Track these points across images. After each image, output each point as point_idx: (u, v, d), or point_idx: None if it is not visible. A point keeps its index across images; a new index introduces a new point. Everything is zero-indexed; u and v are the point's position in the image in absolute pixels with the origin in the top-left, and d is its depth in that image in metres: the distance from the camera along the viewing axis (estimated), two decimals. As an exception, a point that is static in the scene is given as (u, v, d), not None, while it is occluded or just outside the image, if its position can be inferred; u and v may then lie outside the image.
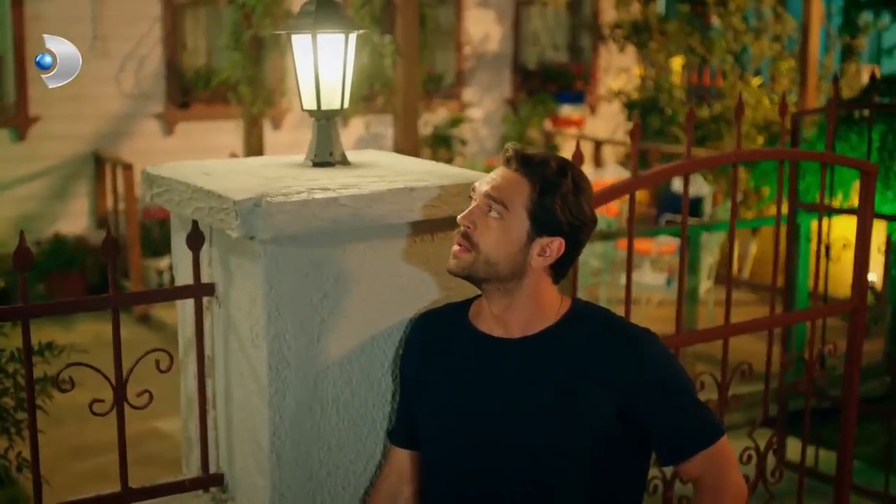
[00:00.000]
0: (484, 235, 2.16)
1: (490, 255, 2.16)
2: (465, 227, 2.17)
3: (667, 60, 10.90)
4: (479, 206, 2.17)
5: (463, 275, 2.19)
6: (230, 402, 2.50)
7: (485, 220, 2.17)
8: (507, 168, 2.19)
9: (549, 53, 12.33)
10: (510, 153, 2.20)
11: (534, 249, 2.19)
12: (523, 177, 2.17)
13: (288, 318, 2.33)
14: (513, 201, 2.16)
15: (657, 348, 2.24)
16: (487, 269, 2.17)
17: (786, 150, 3.33)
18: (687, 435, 2.21)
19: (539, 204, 2.17)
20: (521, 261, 2.19)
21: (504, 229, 2.16)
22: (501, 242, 2.16)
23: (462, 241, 2.18)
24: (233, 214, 2.23)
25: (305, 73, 2.54)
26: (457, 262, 2.19)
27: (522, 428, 2.20)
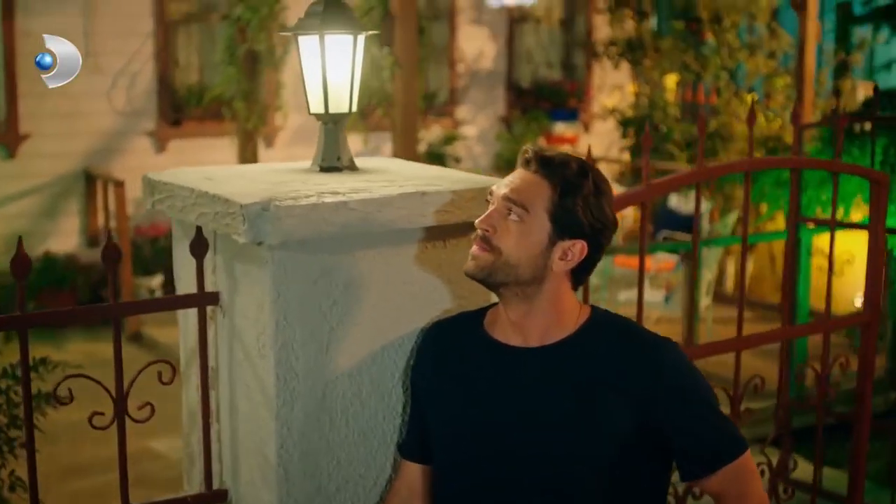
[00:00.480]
0: (504, 238, 2.10)
1: (511, 258, 2.10)
2: (483, 231, 2.10)
3: (661, 78, 10.87)
4: (498, 209, 2.11)
5: (482, 276, 2.12)
6: (235, 415, 2.41)
7: (504, 224, 2.10)
8: (525, 170, 2.13)
9: (543, 71, 12.29)
10: (529, 154, 2.14)
11: (555, 253, 2.12)
12: (543, 178, 2.11)
13: (296, 327, 2.25)
14: (533, 203, 2.09)
15: (678, 357, 2.17)
16: (507, 272, 2.10)
17: (797, 159, 3.27)
18: (710, 448, 2.14)
19: (560, 206, 2.10)
20: (542, 264, 2.13)
21: (524, 232, 2.10)
22: (522, 245, 2.10)
23: (481, 244, 2.11)
24: (240, 219, 2.15)
25: (313, 75, 2.47)
26: (475, 262, 2.12)
27: (540, 437, 2.13)
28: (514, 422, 2.15)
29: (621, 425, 2.10)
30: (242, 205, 2.14)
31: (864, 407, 3.60)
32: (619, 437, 2.11)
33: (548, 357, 2.16)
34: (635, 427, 2.11)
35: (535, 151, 2.14)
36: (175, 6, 9.89)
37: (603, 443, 2.11)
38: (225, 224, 2.21)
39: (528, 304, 2.15)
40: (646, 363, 2.12)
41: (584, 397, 2.12)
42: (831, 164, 3.37)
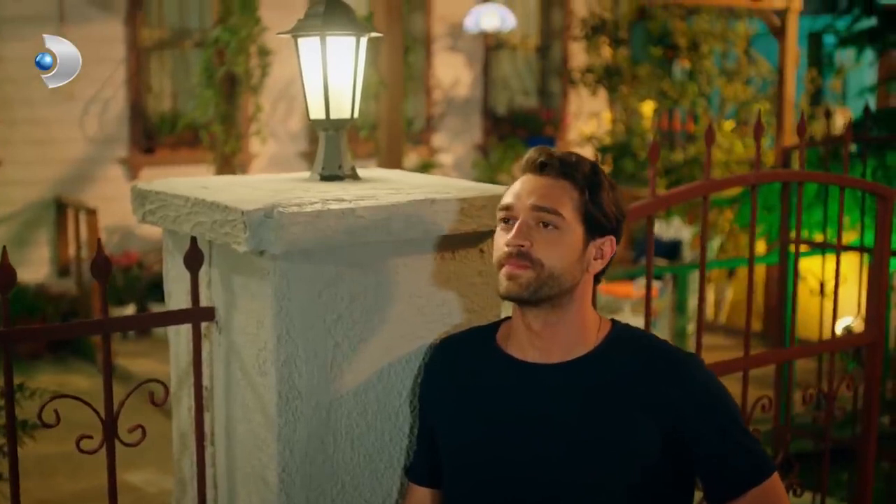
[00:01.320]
0: (545, 250, 1.98)
1: (555, 269, 1.99)
2: (518, 247, 1.98)
3: (638, 105, 10.83)
4: (527, 222, 1.99)
5: (527, 295, 1.99)
6: (232, 437, 2.27)
7: (540, 235, 1.99)
8: (541, 175, 2.01)
9: (519, 98, 12.24)
10: (544, 158, 2.02)
11: (590, 253, 2.03)
12: (566, 180, 2.01)
13: (299, 342, 2.12)
14: (565, 207, 1.99)
15: (706, 374, 2.06)
16: (552, 284, 1.99)
17: (805, 173, 3.18)
18: (738, 469, 2.02)
19: (591, 205, 2.01)
20: (581, 268, 2.03)
21: (563, 240, 1.99)
22: (563, 253, 2.00)
23: (518, 262, 1.98)
24: (241, 227, 2.03)
25: (313, 79, 2.35)
26: (516, 282, 1.98)
27: (564, 459, 2.00)
28: (536, 444, 2.02)
29: (649, 446, 1.99)
30: (244, 211, 2.01)
31: (869, 429, 3.50)
32: (646, 458, 1.99)
33: (571, 374, 2.04)
34: (662, 447, 1.99)
35: (550, 154, 2.04)
36: (148, 33, 9.76)
37: (630, 465, 1.99)
38: (224, 233, 2.09)
39: (559, 315, 2.04)
40: (673, 380, 2.01)
41: (611, 417, 2.00)
42: (839, 179, 3.29)
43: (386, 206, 2.13)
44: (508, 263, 1.99)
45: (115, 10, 9.38)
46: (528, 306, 2.03)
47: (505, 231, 2.02)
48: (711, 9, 9.89)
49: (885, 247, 3.40)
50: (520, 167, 2.07)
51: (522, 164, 2.06)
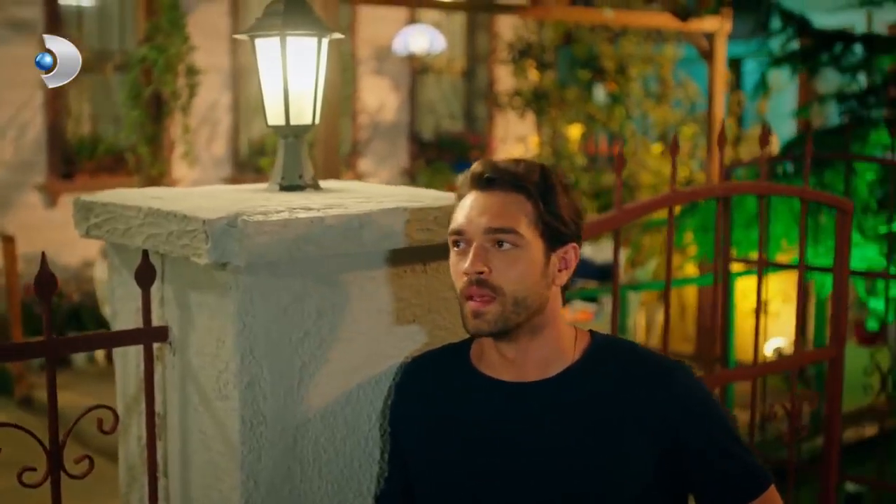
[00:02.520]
0: (504, 275, 1.84)
1: (518, 293, 1.85)
2: (477, 275, 1.84)
3: (565, 128, 10.81)
4: (483, 246, 1.85)
5: (496, 330, 1.86)
6: (188, 468, 2.10)
7: (498, 257, 1.85)
8: (490, 192, 1.88)
9: (446, 123, 12.16)
10: (491, 173, 1.88)
11: (553, 266, 1.89)
12: (518, 193, 1.87)
13: (264, 363, 1.96)
14: (520, 223, 1.85)
15: (696, 383, 1.95)
16: (519, 312, 1.86)
17: (768, 185, 3.11)
18: (735, 482, 1.92)
19: (547, 215, 1.88)
20: (545, 284, 1.89)
21: (522, 258, 1.86)
22: (526, 273, 1.86)
23: (479, 292, 1.84)
24: (201, 237, 1.87)
25: (272, 82, 2.21)
26: (483, 318, 1.85)
27: (551, 482, 1.87)
28: (520, 467, 1.89)
29: (642, 463, 1.87)
30: (206, 220, 1.86)
31: (832, 444, 3.43)
32: (640, 476, 1.87)
33: (552, 391, 1.92)
34: (656, 464, 1.87)
35: (496, 167, 1.89)
36: (66, 55, 9.48)
37: (622, 484, 1.87)
38: (181, 245, 1.93)
39: (532, 337, 1.91)
40: (663, 392, 1.90)
41: (599, 434, 1.88)
42: (801, 191, 3.22)
43: (357, 216, 1.99)
44: (471, 297, 1.85)
45: (33, 31, 9.10)
46: (499, 338, 1.90)
47: (460, 256, 1.88)
48: (639, 32, 9.92)
49: (844, 261, 3.34)
50: (464, 184, 1.92)
51: (467, 180, 1.91)
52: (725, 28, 8.37)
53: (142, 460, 2.20)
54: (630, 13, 8.86)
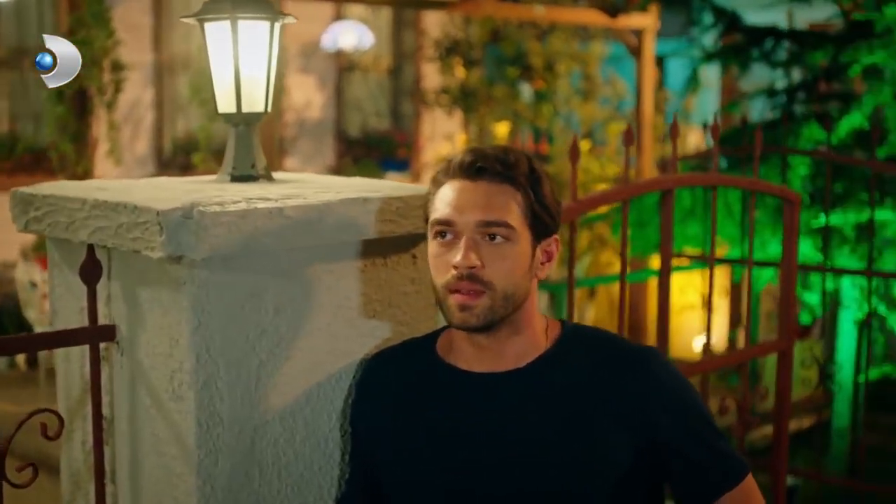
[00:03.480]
0: (496, 269, 1.77)
1: (507, 288, 1.78)
2: (469, 270, 1.77)
3: (493, 126, 10.78)
4: (473, 238, 1.77)
5: (483, 324, 1.79)
6: (138, 474, 1.99)
7: (489, 251, 1.78)
8: (478, 181, 1.80)
9: (373, 120, 12.05)
10: (481, 163, 1.80)
11: (538, 259, 1.84)
12: (508, 184, 1.80)
13: (220, 362, 1.86)
14: (512, 216, 1.79)
15: (671, 371, 1.90)
16: (507, 306, 1.79)
17: (718, 176, 3.08)
18: (713, 472, 1.87)
19: (537, 206, 1.82)
20: (530, 278, 1.83)
21: (513, 252, 1.79)
22: (516, 267, 1.80)
23: (470, 286, 1.77)
24: (155, 230, 1.77)
25: (222, 68, 2.10)
26: (471, 312, 1.77)
27: (527, 475, 1.80)
28: (494, 459, 1.82)
29: (618, 452, 1.81)
30: (160, 211, 1.75)
31: (781, 437, 3.41)
32: (616, 465, 1.82)
33: (525, 380, 1.85)
34: (632, 453, 1.82)
35: (486, 156, 1.82)
36: (-18, 52, 9.22)
37: (599, 474, 1.81)
38: (132, 238, 1.82)
39: (509, 329, 1.84)
40: (638, 381, 1.84)
41: (574, 423, 1.82)
42: (751, 183, 3.20)
43: (317, 206, 1.90)
44: (459, 290, 1.78)
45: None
46: (481, 331, 1.83)
47: (444, 248, 1.80)
48: (567, 28, 9.91)
49: (792, 253, 3.32)
50: (448, 171, 1.84)
51: (453, 168, 1.82)
52: (654, 24, 8.40)
53: (87, 466, 2.09)
54: (559, 9, 8.86)
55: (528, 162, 1.84)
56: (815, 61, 6.16)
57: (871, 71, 5.71)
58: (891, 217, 5.64)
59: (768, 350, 3.44)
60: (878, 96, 5.56)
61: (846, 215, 5.77)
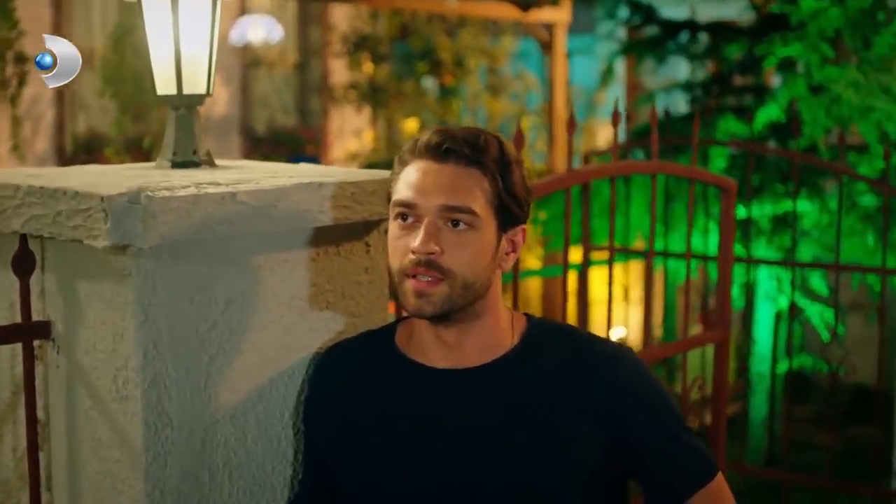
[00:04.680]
0: (456, 256, 1.68)
1: (467, 277, 1.69)
2: (428, 256, 1.67)
3: (402, 121, 10.70)
4: (435, 223, 1.68)
5: (438, 313, 1.70)
6: (77, 480, 1.86)
7: (451, 237, 1.69)
8: (444, 163, 1.71)
9: (279, 117, 11.87)
10: (449, 144, 1.71)
11: (502, 249, 1.75)
12: (475, 168, 1.72)
13: (168, 358, 1.75)
14: (477, 202, 1.70)
15: (641, 368, 1.84)
16: (466, 295, 1.70)
17: (658, 164, 3.04)
18: (684, 471, 1.81)
19: (504, 194, 1.73)
20: (493, 268, 1.74)
21: (476, 240, 1.70)
22: (478, 256, 1.70)
23: (428, 272, 1.67)
24: (99, 217, 1.64)
25: (161, 47, 1.98)
26: (427, 299, 1.68)
27: (492, 476, 1.72)
28: (460, 458, 1.73)
29: (588, 451, 1.74)
30: (104, 197, 1.63)
31: (719, 427, 3.39)
32: (586, 464, 1.74)
33: (491, 377, 1.77)
34: (602, 452, 1.75)
35: (454, 137, 1.72)
36: None
37: (571, 477, 1.74)
38: (72, 227, 1.69)
39: (473, 322, 1.75)
40: (609, 378, 1.77)
41: (544, 422, 1.74)
42: (689, 171, 3.17)
43: (271, 191, 1.79)
44: (415, 276, 1.68)
45: None
46: (440, 322, 1.74)
47: (404, 231, 1.71)
48: (477, 23, 9.87)
49: (729, 241, 3.30)
50: (412, 151, 1.74)
51: (419, 147, 1.73)
52: (565, 19, 8.40)
53: (17, 474, 1.95)
54: (470, 3, 8.80)
55: (500, 146, 1.75)
56: (731, 54, 6.20)
57: (786, 64, 5.77)
58: (808, 208, 5.70)
59: (706, 340, 3.42)
60: (792, 89, 5.61)
61: (763, 207, 5.82)
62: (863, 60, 5.46)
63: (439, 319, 1.72)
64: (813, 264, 5.46)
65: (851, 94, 4.97)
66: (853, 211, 5.53)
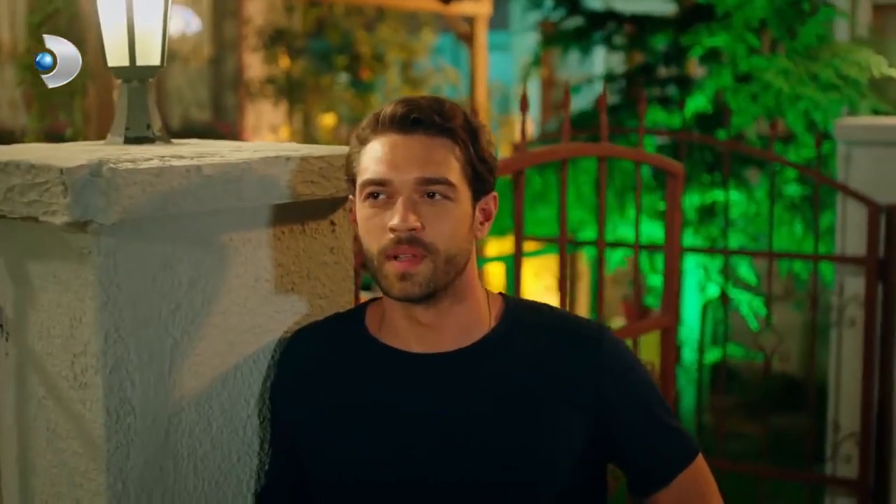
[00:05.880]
0: (436, 230, 1.61)
1: (449, 251, 1.63)
2: (410, 232, 1.60)
3: (319, 117, 10.57)
4: (411, 198, 1.61)
5: (426, 293, 1.62)
6: (29, 475, 1.75)
7: (429, 210, 1.62)
8: (412, 135, 1.63)
9: (194, 112, 11.63)
10: (417, 114, 1.64)
11: (477, 218, 1.68)
12: (445, 137, 1.65)
13: (130, 342, 1.65)
14: (452, 171, 1.64)
15: (623, 348, 1.79)
16: (448, 271, 1.63)
17: (608, 146, 3.00)
18: (666, 453, 1.77)
19: (475, 162, 1.66)
20: (470, 240, 1.67)
21: (454, 212, 1.64)
22: (457, 227, 1.64)
23: (410, 250, 1.60)
24: (58, 191, 1.54)
25: (113, 16, 1.87)
26: (412, 280, 1.61)
27: (474, 467, 1.65)
28: (437, 446, 1.66)
29: (572, 440, 1.69)
30: (64, 169, 1.52)
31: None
32: (570, 448, 1.69)
33: (470, 361, 1.70)
34: (585, 435, 1.69)
35: (420, 106, 1.65)
36: None
37: (552, 457, 1.68)
38: (26, 202, 1.58)
39: (451, 300, 1.68)
40: (591, 358, 1.72)
41: (526, 406, 1.68)
42: (636, 154, 3.13)
43: (237, 164, 1.70)
44: (397, 256, 1.61)
45: None
46: (420, 303, 1.66)
47: (377, 209, 1.63)
48: (397, 16, 9.79)
49: (675, 226, 3.28)
50: (374, 125, 1.66)
51: (383, 120, 1.64)
52: (486, 12, 8.37)
53: (-39, 470, 1.83)
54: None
55: (464, 113, 1.69)
56: (656, 45, 6.21)
57: (711, 54, 5.80)
58: (736, 198, 5.74)
59: (653, 326, 3.39)
60: (718, 79, 5.64)
61: (690, 197, 5.84)
62: (789, 50, 5.51)
63: (424, 301, 1.65)
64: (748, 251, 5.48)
65: (782, 81, 5.00)
66: (780, 200, 5.57)
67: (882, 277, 4.33)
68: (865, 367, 4.36)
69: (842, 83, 5.07)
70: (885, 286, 4.35)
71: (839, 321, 4.56)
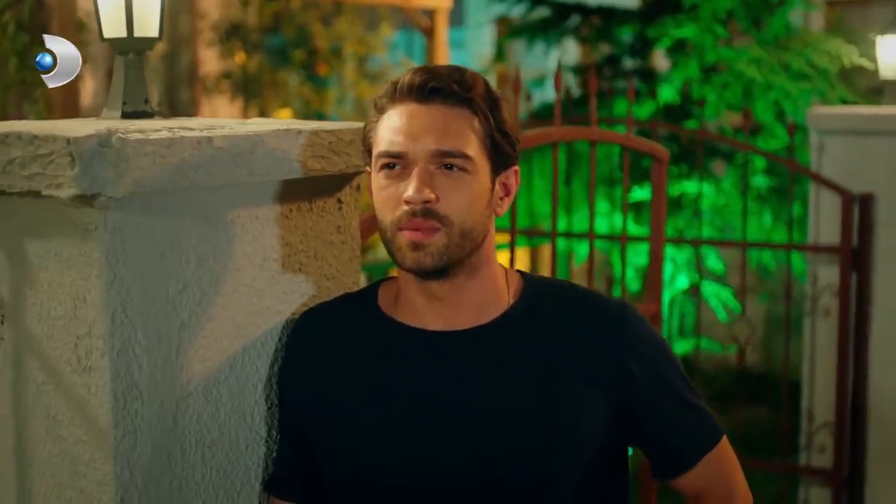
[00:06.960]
0: (453, 202, 1.55)
1: (465, 224, 1.57)
2: (424, 204, 1.54)
3: (275, 112, 10.44)
4: (426, 169, 1.55)
5: (440, 265, 1.56)
6: (28, 465, 1.66)
7: (445, 182, 1.55)
8: (430, 104, 1.57)
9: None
10: (435, 82, 1.58)
11: (497, 193, 1.62)
12: (464, 107, 1.59)
13: (138, 323, 1.57)
14: (470, 144, 1.57)
15: (647, 326, 1.74)
16: (463, 245, 1.57)
17: (596, 130, 2.95)
18: (692, 434, 1.72)
19: (496, 134, 1.60)
20: (489, 214, 1.62)
21: (472, 185, 1.58)
22: (474, 202, 1.58)
23: (424, 223, 1.54)
24: (64, 162, 1.45)
25: (109, -15, 1.79)
26: (425, 251, 1.55)
27: (493, 443, 1.59)
28: (456, 428, 1.60)
29: (596, 423, 1.64)
30: (71, 139, 1.44)
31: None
32: (594, 439, 1.63)
33: (491, 339, 1.64)
34: (610, 415, 1.64)
35: (439, 74, 1.59)
36: None
37: (577, 448, 1.62)
38: (27, 176, 1.50)
39: (468, 275, 1.62)
40: (615, 337, 1.66)
41: (549, 385, 1.62)
42: (625, 139, 3.10)
43: (248, 136, 1.62)
44: (410, 227, 1.55)
45: None
46: (435, 277, 1.60)
47: (391, 180, 1.57)
48: (355, 9, 9.69)
49: (661, 212, 3.24)
50: (394, 95, 1.59)
51: (401, 89, 1.58)
52: (447, 5, 8.31)
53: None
54: (350, -12, 8.64)
55: (485, 82, 1.63)
56: (622, 37, 6.19)
57: (678, 46, 5.79)
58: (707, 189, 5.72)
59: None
60: (685, 70, 5.64)
61: (659, 188, 5.82)
62: (756, 41, 5.51)
63: (437, 274, 1.59)
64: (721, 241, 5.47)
65: (754, 70, 4.99)
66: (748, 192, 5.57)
67: (856, 266, 4.34)
68: (840, 356, 4.37)
69: (813, 72, 5.07)
70: (859, 275, 4.36)
71: (813, 311, 4.56)
